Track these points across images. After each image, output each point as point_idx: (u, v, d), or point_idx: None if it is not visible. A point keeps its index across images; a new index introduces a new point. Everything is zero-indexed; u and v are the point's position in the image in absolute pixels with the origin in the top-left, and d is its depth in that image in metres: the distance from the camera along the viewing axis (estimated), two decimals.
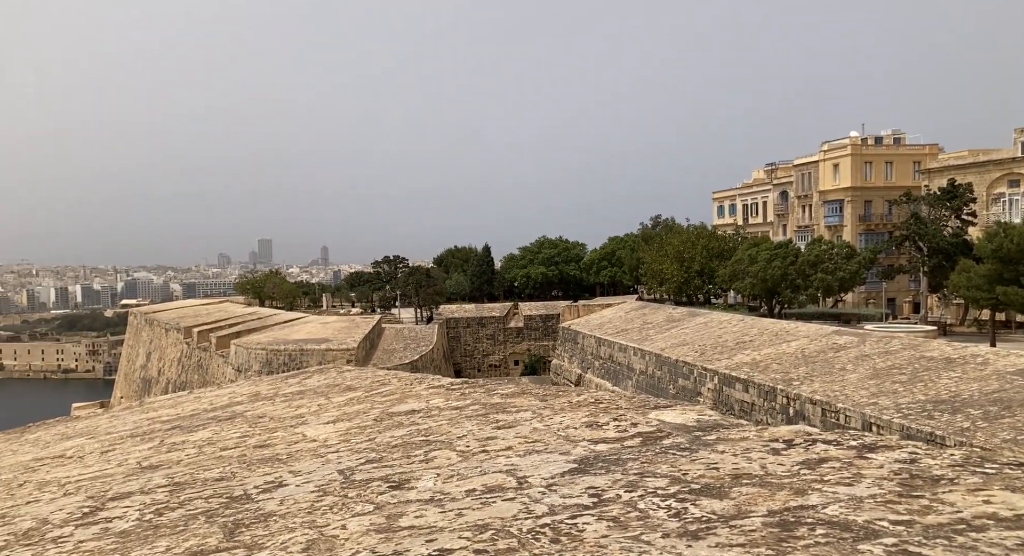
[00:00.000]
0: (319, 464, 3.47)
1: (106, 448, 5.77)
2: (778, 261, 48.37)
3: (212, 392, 9.25)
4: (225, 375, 46.13)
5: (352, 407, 5.84)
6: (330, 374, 8.78)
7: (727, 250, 57.60)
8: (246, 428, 5.59)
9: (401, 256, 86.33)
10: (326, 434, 4.64)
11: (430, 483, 2.65)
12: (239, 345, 45.65)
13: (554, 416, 3.80)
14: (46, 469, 4.99)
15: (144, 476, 3.86)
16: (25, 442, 7.14)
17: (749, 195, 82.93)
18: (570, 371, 54.67)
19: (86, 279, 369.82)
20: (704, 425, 3.11)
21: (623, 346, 45.50)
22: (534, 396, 4.69)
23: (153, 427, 6.58)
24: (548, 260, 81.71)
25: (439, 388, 6.12)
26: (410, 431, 4.15)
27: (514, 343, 73.62)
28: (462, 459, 3.04)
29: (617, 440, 2.98)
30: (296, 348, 42.27)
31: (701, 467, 2.34)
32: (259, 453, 4.23)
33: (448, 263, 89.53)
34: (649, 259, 61.08)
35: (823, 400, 25.27)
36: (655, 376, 39.90)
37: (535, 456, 2.88)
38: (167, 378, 62.72)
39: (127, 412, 8.62)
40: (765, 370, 30.69)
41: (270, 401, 7.19)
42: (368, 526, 2.14)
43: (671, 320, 48.25)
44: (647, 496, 2.09)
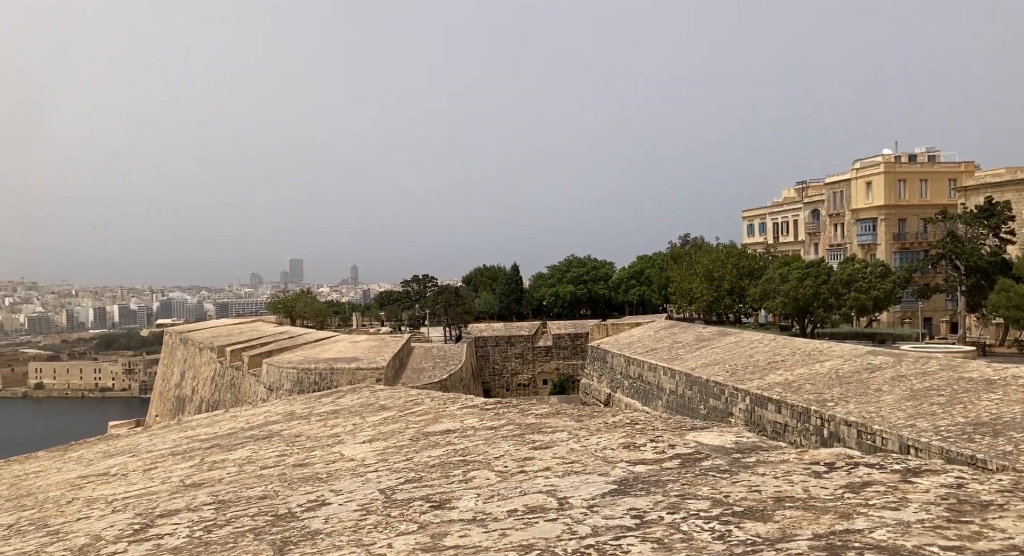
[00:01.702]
0: (359, 483, 3.53)
1: (148, 466, 5.88)
2: (810, 280, 47.73)
3: (248, 411, 9.38)
4: (257, 394, 46.64)
5: (387, 426, 5.90)
6: (363, 393, 8.86)
7: (757, 269, 57.02)
8: (284, 447, 5.67)
9: (430, 275, 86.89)
10: (363, 453, 4.70)
11: (471, 503, 2.69)
12: (271, 364, 46.18)
13: (590, 437, 3.82)
14: (92, 486, 5.11)
15: (189, 494, 3.94)
16: (69, 459, 7.30)
17: (779, 213, 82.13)
18: (599, 390, 54.30)
19: (123, 299, 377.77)
20: (743, 447, 3.11)
21: (653, 365, 45.13)
22: (569, 417, 4.70)
23: (192, 445, 6.70)
24: (577, 279, 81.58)
25: (473, 408, 6.15)
26: (447, 451, 4.19)
27: (543, 362, 73.41)
28: (501, 479, 3.07)
29: (656, 462, 2.99)
30: (327, 367, 42.64)
31: (743, 490, 2.34)
32: (299, 472, 4.29)
33: (477, 282, 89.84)
34: (678, 278, 60.69)
35: (858, 421, 24.77)
36: (685, 396, 39.46)
37: (574, 477, 2.90)
38: (201, 397, 63.58)
39: (166, 430, 8.77)
40: (798, 391, 30.19)
41: (305, 420, 7.28)
42: (414, 545, 2.18)
43: (701, 339, 47.77)
44: (690, 518, 2.10)
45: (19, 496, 4.95)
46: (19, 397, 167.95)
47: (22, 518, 3.90)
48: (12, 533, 3.44)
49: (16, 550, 2.99)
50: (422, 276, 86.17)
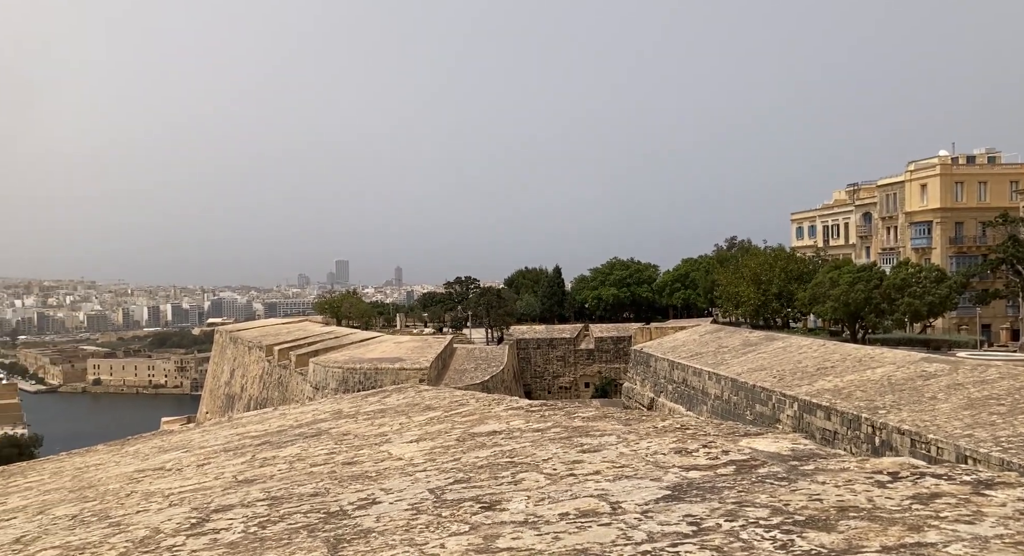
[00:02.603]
0: (408, 482, 3.54)
1: (202, 462, 6.02)
2: (861, 284, 46.47)
3: (296, 409, 9.53)
4: (304, 392, 47.48)
5: (433, 427, 5.92)
6: (408, 393, 8.93)
7: (807, 272, 55.78)
8: (332, 445, 5.73)
9: (472, 277, 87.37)
10: (411, 453, 4.72)
11: (522, 505, 2.67)
12: (317, 363, 46.97)
13: (640, 441, 3.77)
14: (149, 480, 5.25)
15: (242, 490, 4.02)
16: (126, 454, 7.52)
17: (830, 216, 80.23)
18: (642, 394, 53.78)
19: (176, 298, 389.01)
20: (800, 454, 3.03)
21: (697, 370, 44.51)
22: (617, 420, 4.66)
23: (243, 442, 6.83)
24: (620, 282, 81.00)
25: (518, 409, 6.14)
26: (494, 452, 4.19)
27: (585, 365, 73.07)
28: (551, 482, 3.05)
29: (709, 467, 2.94)
30: (371, 367, 43.18)
31: (803, 498, 2.28)
32: (348, 470, 4.34)
33: (519, 284, 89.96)
34: (724, 281, 59.74)
35: (912, 430, 24.01)
36: (731, 401, 38.81)
37: (625, 481, 2.86)
38: (249, 394, 65.01)
39: (217, 427, 8.97)
40: (848, 397, 29.42)
41: (352, 419, 7.36)
42: (467, 546, 2.18)
43: (748, 344, 46.93)
44: (749, 526, 2.05)
45: (81, 488, 5.12)
46: (79, 393, 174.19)
47: (85, 509, 4.02)
48: (77, 523, 3.56)
49: (81, 540, 3.08)
50: (464, 278, 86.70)
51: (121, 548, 2.78)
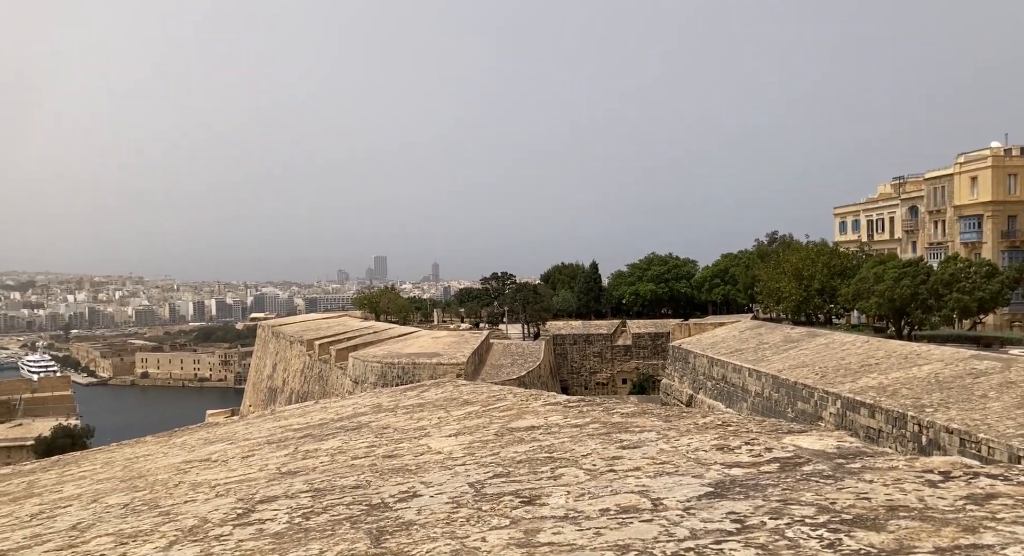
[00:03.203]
0: (448, 476, 3.57)
1: (246, 454, 6.14)
2: (907, 279, 45.28)
3: (337, 402, 9.67)
4: (343, 386, 48.14)
5: (471, 421, 5.94)
6: (446, 388, 8.98)
7: (850, 268, 54.56)
8: (373, 438, 5.80)
9: (509, 273, 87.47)
10: (450, 447, 4.75)
11: (562, 500, 2.67)
12: (357, 358, 47.56)
13: (680, 438, 3.73)
14: (196, 471, 5.38)
15: (285, 481, 4.09)
16: (173, 445, 7.71)
17: (874, 210, 78.29)
18: (681, 391, 53.30)
19: (220, 294, 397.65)
20: (846, 452, 2.97)
21: (737, 367, 43.91)
22: (656, 416, 4.62)
23: (286, 435, 6.94)
24: (657, 277, 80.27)
25: (556, 405, 6.13)
26: (532, 447, 4.19)
27: (622, 361, 72.63)
28: (590, 478, 3.04)
29: (752, 465, 2.89)
30: (409, 362, 43.57)
31: (850, 497, 2.23)
32: (389, 463, 4.38)
33: (555, 280, 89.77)
34: (765, 277, 58.76)
35: (961, 429, 23.35)
36: (772, 398, 38.21)
37: (666, 478, 2.84)
38: (291, 388, 66.16)
39: (261, 420, 9.14)
40: (893, 395, 28.73)
41: (392, 413, 7.43)
42: (508, 540, 2.18)
43: (789, 340, 46.14)
44: (794, 524, 2.02)
45: (132, 478, 5.27)
46: (127, 385, 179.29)
47: (136, 498, 4.14)
48: (128, 512, 3.66)
49: (133, 528, 3.18)
50: (501, 274, 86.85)
51: (171, 536, 2.86)
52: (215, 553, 2.50)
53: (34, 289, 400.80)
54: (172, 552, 2.61)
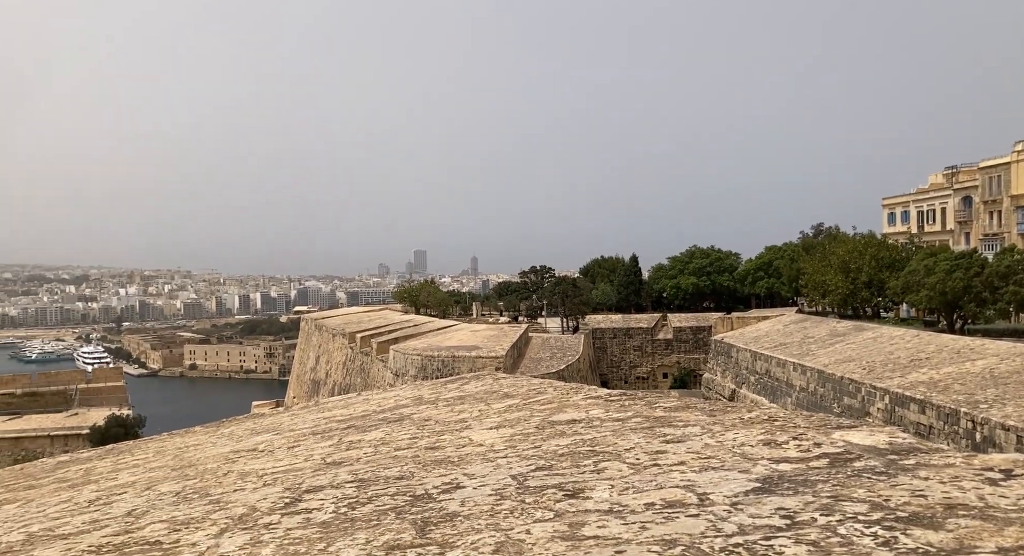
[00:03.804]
0: (491, 468, 3.57)
1: (291, 444, 6.25)
2: (960, 272, 43.86)
3: (379, 394, 9.78)
4: (384, 379, 48.71)
5: (512, 414, 5.95)
6: (486, 381, 9.01)
7: (899, 260, 53.07)
8: (415, 430, 5.85)
9: (547, 266, 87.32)
10: (491, 439, 4.76)
11: (606, 494, 2.65)
12: (397, 351, 48.06)
13: (725, 432, 3.68)
14: (243, 460, 5.50)
15: (330, 472, 4.15)
16: (221, 435, 7.89)
17: (925, 201, 75.97)
18: (723, 386, 52.63)
19: (265, 287, 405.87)
20: (898, 448, 2.89)
21: (781, 361, 43.16)
22: (700, 411, 4.56)
23: (330, 426, 7.05)
24: (699, 270, 79.25)
25: (597, 399, 6.09)
26: (574, 440, 4.17)
27: (663, 355, 71.97)
28: (634, 472, 3.01)
29: (800, 460, 2.84)
30: (448, 355, 43.87)
31: (904, 494, 2.17)
32: (431, 455, 4.42)
33: (594, 273, 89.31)
34: (811, 269, 57.54)
35: (1019, 426, 22.58)
36: (817, 393, 37.47)
37: (712, 473, 2.80)
38: (333, 380, 67.21)
39: (305, 411, 9.30)
40: (945, 391, 27.91)
41: (433, 405, 7.48)
42: (552, 533, 2.18)
43: (835, 334, 45.16)
44: (846, 521, 1.97)
45: (182, 467, 5.41)
46: (176, 377, 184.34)
47: (187, 486, 4.25)
48: (180, 500, 3.76)
49: (186, 515, 3.26)
50: (539, 267, 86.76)
51: (222, 524, 2.93)
52: (264, 541, 2.55)
53: (88, 283, 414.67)
54: (223, 539, 2.67)
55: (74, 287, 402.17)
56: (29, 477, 6.82)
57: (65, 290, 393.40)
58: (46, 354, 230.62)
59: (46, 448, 45.86)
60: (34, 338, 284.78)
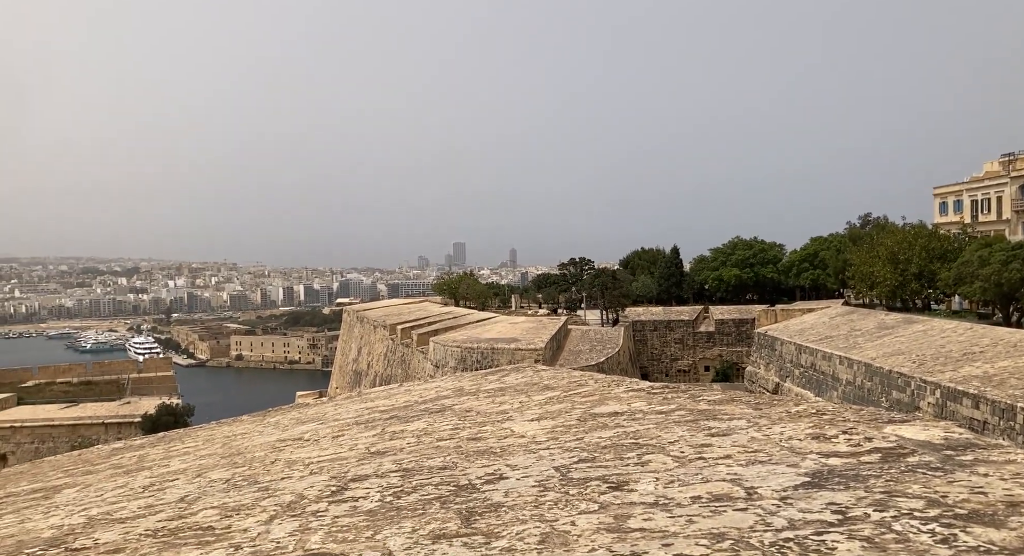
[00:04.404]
0: (533, 460, 3.58)
1: (336, 433, 6.35)
2: (1017, 263, 42.30)
3: (420, 386, 9.86)
4: (425, 370, 49.15)
5: (553, 406, 5.94)
6: (526, 373, 9.01)
7: (951, 250, 51.42)
8: (456, 421, 5.89)
9: (587, 258, 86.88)
10: (533, 431, 4.76)
11: (651, 487, 2.63)
12: (437, 342, 48.43)
13: (772, 426, 3.62)
14: (290, 449, 5.61)
15: (375, 461, 4.21)
16: (268, 424, 8.06)
17: (979, 189, 73.39)
18: (767, 379, 51.82)
19: (308, 279, 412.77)
20: (954, 444, 2.80)
21: (827, 354, 42.28)
22: (746, 404, 4.49)
23: (373, 416, 7.14)
24: (742, 262, 77.94)
25: (639, 391, 6.05)
26: (617, 433, 4.15)
27: (704, 348, 71.11)
28: (679, 465, 2.98)
29: (851, 455, 2.77)
30: (488, 347, 44.03)
31: (963, 490, 2.10)
32: (473, 445, 4.44)
33: (634, 265, 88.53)
34: (858, 261, 56.14)
35: None
36: (864, 387, 36.63)
37: (759, 467, 2.76)
38: (375, 371, 68.07)
39: (348, 401, 9.44)
40: (1001, 385, 27.01)
41: (474, 396, 7.51)
42: (597, 525, 2.17)
43: (883, 327, 44.05)
44: (902, 517, 1.91)
45: (231, 454, 5.53)
46: (223, 367, 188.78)
47: (236, 474, 4.35)
48: (230, 487, 3.85)
49: (236, 502, 3.34)
50: (579, 259, 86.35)
51: (272, 511, 2.99)
52: (313, 528, 2.60)
53: (139, 275, 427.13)
54: (273, 526, 2.73)
55: (126, 279, 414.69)
56: (87, 463, 7.07)
57: (117, 282, 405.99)
58: (100, 344, 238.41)
59: (101, 435, 47.49)
60: (88, 328, 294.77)
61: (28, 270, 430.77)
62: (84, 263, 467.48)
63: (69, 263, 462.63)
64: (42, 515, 4.07)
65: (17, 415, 51.21)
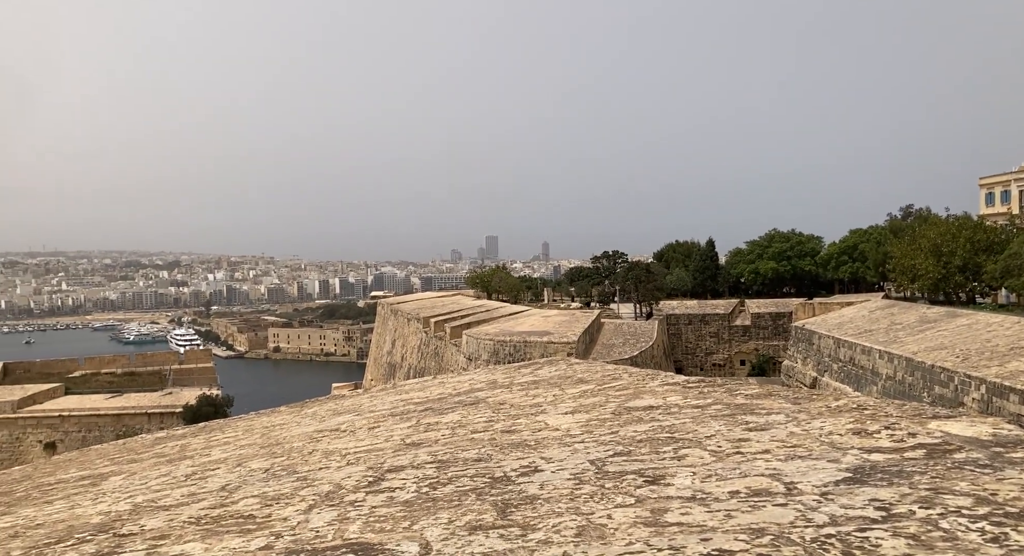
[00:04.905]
0: (568, 453, 3.57)
1: (372, 425, 6.42)
2: None
3: (454, 378, 9.91)
4: (458, 363, 49.41)
5: (587, 399, 5.92)
6: (559, 366, 9.00)
7: (998, 242, 49.91)
8: (490, 413, 5.90)
9: (620, 251, 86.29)
10: (567, 424, 4.75)
11: (687, 481, 2.61)
12: (470, 335, 48.62)
13: (812, 421, 3.56)
14: (327, 440, 5.68)
15: (410, 452, 4.24)
16: (305, 415, 8.18)
17: None
18: (804, 374, 51.01)
19: (343, 273, 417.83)
20: (1003, 440, 2.72)
21: (866, 348, 41.45)
22: (784, 398, 4.43)
23: (408, 408, 7.20)
24: (779, 255, 76.70)
25: (675, 385, 6.00)
26: (652, 427, 4.12)
27: (740, 342, 70.25)
28: (716, 459, 2.95)
29: (894, 451, 2.71)
30: (520, 340, 44.06)
31: (1014, 488, 2.04)
32: (508, 438, 4.45)
33: (669, 258, 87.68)
34: (899, 253, 54.84)
35: None
36: (905, 382, 35.83)
37: (799, 462, 2.71)
38: (409, 364, 68.64)
39: (383, 393, 9.53)
40: None
41: (507, 389, 7.53)
42: (634, 518, 2.16)
43: (925, 321, 43.01)
44: (949, 515, 1.87)
45: (270, 445, 5.63)
46: (261, 359, 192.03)
47: (275, 464, 4.43)
48: (269, 476, 3.92)
49: (276, 491, 3.40)
50: (612, 252, 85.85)
51: (310, 500, 3.03)
52: (351, 518, 2.63)
53: (179, 268, 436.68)
54: (312, 515, 2.77)
55: (167, 272, 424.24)
56: (131, 451, 7.26)
57: (159, 275, 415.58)
58: (142, 336, 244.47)
59: (144, 425, 48.75)
60: (131, 321, 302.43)
61: (75, 263, 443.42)
62: (127, 257, 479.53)
63: (113, 257, 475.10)
64: (90, 501, 4.19)
65: (65, 404, 52.83)
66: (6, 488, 6.10)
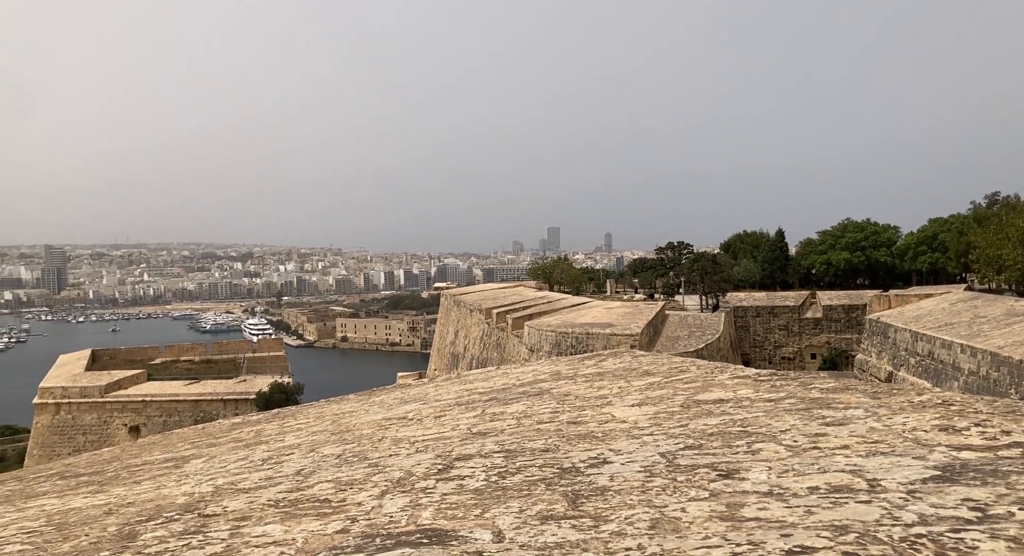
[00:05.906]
0: (637, 445, 3.53)
1: (438, 413, 6.50)
2: None
3: (517, 369, 9.94)
4: (519, 354, 49.59)
5: (654, 392, 5.84)
6: (624, 358, 8.91)
7: None
8: (555, 404, 5.89)
9: (685, 242, 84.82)
10: (634, 416, 4.70)
11: (763, 476, 2.54)
12: (532, 327, 48.70)
13: (893, 416, 3.42)
14: (395, 428, 5.79)
15: (477, 441, 4.28)
16: (373, 403, 8.35)
17: None
18: (878, 368, 49.17)
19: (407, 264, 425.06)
20: None
21: (947, 342, 39.61)
22: (862, 393, 4.27)
23: (473, 397, 7.26)
24: (853, 245, 73.96)
25: (745, 378, 5.86)
26: (723, 420, 4.04)
27: (811, 335, 68.16)
28: (792, 454, 2.87)
29: (987, 448, 2.58)
30: (583, 332, 43.85)
31: None
32: (574, 429, 4.43)
33: (736, 249, 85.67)
34: (983, 243, 52.15)
35: None
36: (990, 378, 34.10)
37: (881, 458, 2.61)
38: (471, 354, 69.32)
39: (448, 383, 9.64)
40: None
41: (571, 381, 7.50)
42: (709, 512, 2.12)
43: (1012, 314, 40.79)
44: None
45: (340, 432, 5.77)
46: (329, 348, 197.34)
47: (346, 450, 4.54)
48: (341, 462, 4.02)
49: (348, 476, 3.48)
50: (677, 243, 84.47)
51: (383, 486, 3.09)
52: (423, 504, 2.67)
53: (252, 260, 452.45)
54: (385, 500, 2.82)
55: (240, 264, 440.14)
56: (210, 436, 7.57)
57: (233, 266, 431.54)
58: (218, 325, 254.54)
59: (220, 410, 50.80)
60: (207, 310, 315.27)
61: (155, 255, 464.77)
62: (204, 249, 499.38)
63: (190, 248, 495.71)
64: (175, 482, 4.38)
65: (147, 390, 55.52)
66: (98, 467, 6.45)
